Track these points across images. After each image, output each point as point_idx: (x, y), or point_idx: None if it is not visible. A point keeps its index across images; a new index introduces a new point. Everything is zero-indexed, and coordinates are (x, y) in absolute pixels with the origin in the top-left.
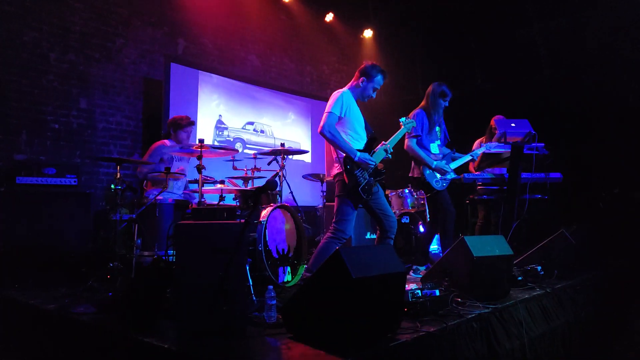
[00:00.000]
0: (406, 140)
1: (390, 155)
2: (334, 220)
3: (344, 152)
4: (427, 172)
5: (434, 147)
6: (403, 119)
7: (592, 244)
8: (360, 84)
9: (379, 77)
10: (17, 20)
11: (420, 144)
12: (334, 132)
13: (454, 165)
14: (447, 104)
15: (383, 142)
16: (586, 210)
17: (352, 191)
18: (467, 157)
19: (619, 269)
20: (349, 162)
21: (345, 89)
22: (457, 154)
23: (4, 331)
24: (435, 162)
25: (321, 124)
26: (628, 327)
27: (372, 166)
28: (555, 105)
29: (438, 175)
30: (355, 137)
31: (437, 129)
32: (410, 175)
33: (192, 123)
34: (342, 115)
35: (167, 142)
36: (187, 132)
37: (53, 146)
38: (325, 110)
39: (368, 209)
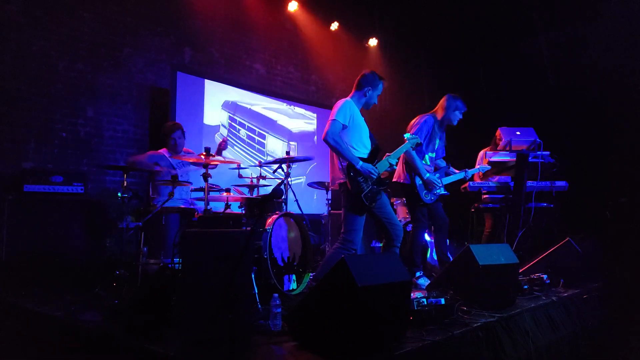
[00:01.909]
0: None
1: (395, 167)
2: (342, 231)
3: (346, 160)
4: (419, 182)
5: (426, 158)
6: (407, 134)
7: (598, 253)
8: (367, 93)
9: (380, 85)
10: (27, 31)
11: (417, 150)
12: (337, 139)
13: (446, 180)
14: (461, 116)
15: (387, 154)
16: (593, 218)
17: (355, 198)
18: (461, 175)
19: (626, 277)
20: (351, 169)
21: (347, 98)
22: (451, 169)
23: (10, 338)
24: (427, 175)
25: (325, 131)
26: (635, 337)
27: (375, 176)
28: (561, 114)
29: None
30: (360, 145)
31: (437, 140)
32: (395, 180)
33: (177, 127)
34: (347, 124)
35: (165, 152)
36: (174, 138)
37: (60, 154)
38: (330, 118)
39: (374, 218)
